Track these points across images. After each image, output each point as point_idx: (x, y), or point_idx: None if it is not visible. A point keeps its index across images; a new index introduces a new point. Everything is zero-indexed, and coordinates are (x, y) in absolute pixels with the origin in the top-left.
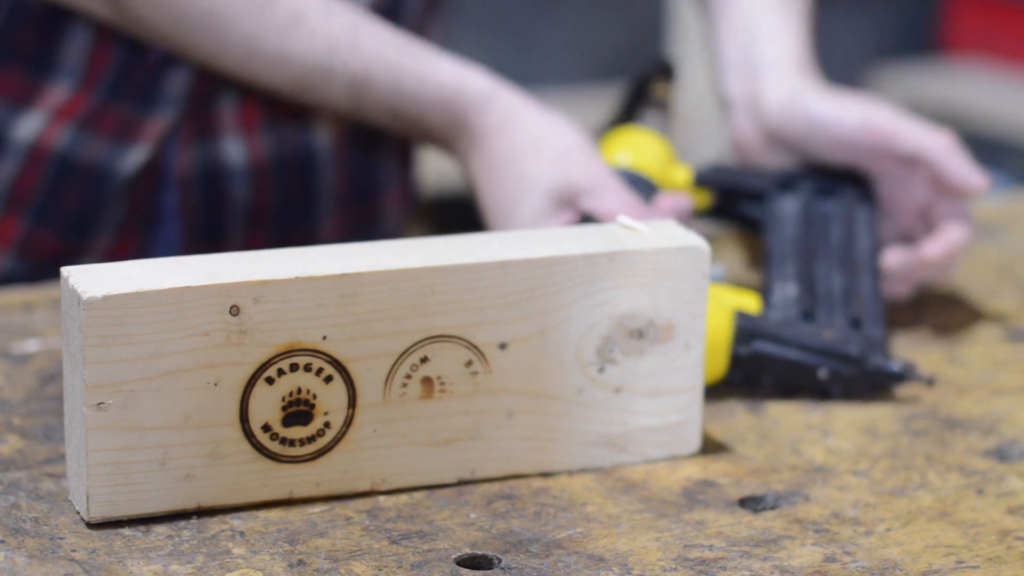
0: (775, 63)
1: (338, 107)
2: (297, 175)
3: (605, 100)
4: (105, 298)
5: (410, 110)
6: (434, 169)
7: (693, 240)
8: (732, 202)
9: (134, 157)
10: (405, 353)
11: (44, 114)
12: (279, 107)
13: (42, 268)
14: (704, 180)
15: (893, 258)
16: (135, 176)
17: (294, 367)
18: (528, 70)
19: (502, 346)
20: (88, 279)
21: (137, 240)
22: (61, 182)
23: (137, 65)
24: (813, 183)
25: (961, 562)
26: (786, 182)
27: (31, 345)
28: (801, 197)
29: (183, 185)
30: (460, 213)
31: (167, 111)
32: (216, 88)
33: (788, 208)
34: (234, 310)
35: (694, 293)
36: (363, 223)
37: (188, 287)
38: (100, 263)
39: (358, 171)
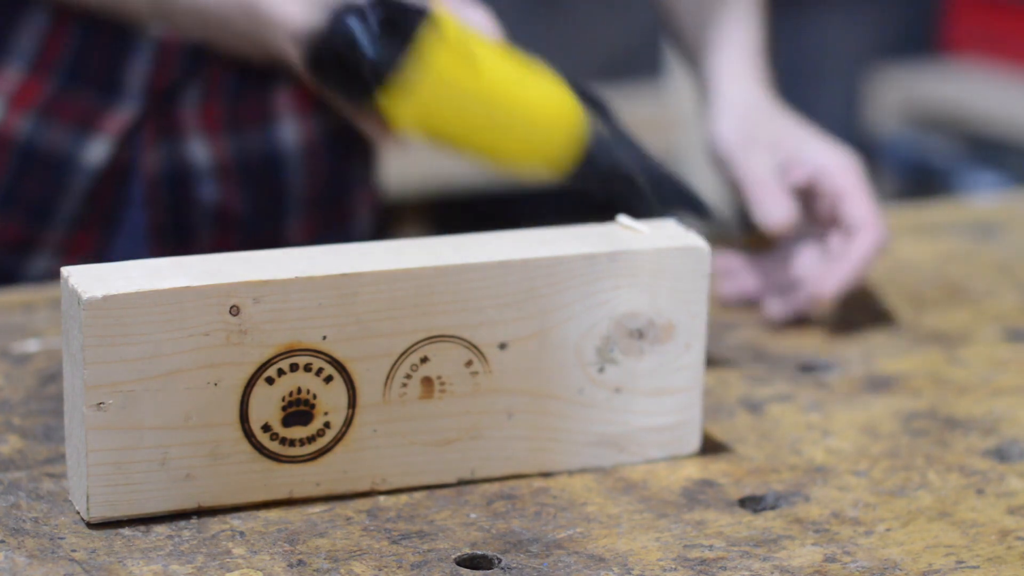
0: (722, 80)
1: (147, 20)
2: (264, 177)
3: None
4: (105, 298)
5: (212, 17)
6: (433, 169)
7: (693, 240)
8: None
9: (97, 150)
10: (405, 353)
11: (1, 100)
12: (241, 107)
13: (3, 257)
14: None
15: (806, 263)
16: (101, 172)
17: (294, 367)
18: None
19: (502, 346)
20: (88, 279)
21: (100, 234)
22: (24, 171)
23: (94, 51)
24: None
25: (961, 562)
26: None
27: (31, 345)
28: None
29: (149, 184)
30: (460, 213)
31: (128, 105)
32: (176, 84)
33: None
34: (234, 310)
35: (694, 293)
36: (333, 225)
37: (188, 287)
38: (95, 264)
39: (326, 173)
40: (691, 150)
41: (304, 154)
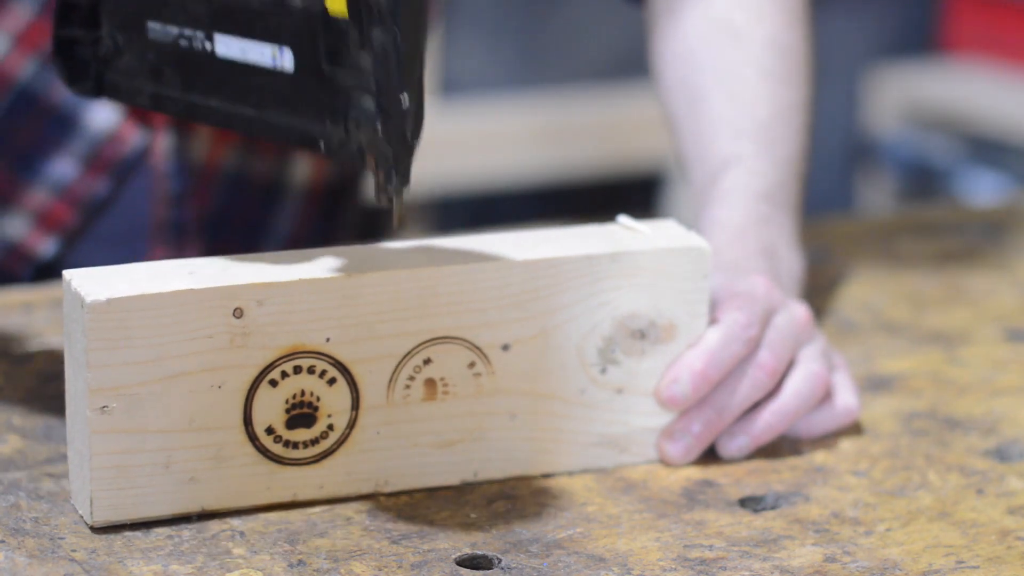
0: (716, 228)
1: None
2: (250, 203)
3: (606, 100)
4: (109, 301)
5: None
6: (433, 169)
7: (694, 240)
8: None
9: (101, 114)
10: (408, 355)
11: (7, 38)
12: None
13: None
14: None
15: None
16: (105, 138)
17: (297, 369)
18: (528, 70)
19: (505, 347)
20: (91, 282)
21: (83, 213)
22: (15, 114)
23: None
24: None
25: (961, 562)
26: None
27: (31, 345)
28: None
29: (157, 175)
30: (460, 213)
31: None
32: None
33: None
34: (237, 312)
35: (695, 293)
36: None
37: (192, 290)
38: (101, 267)
39: (312, 221)
40: None
41: (301, 198)
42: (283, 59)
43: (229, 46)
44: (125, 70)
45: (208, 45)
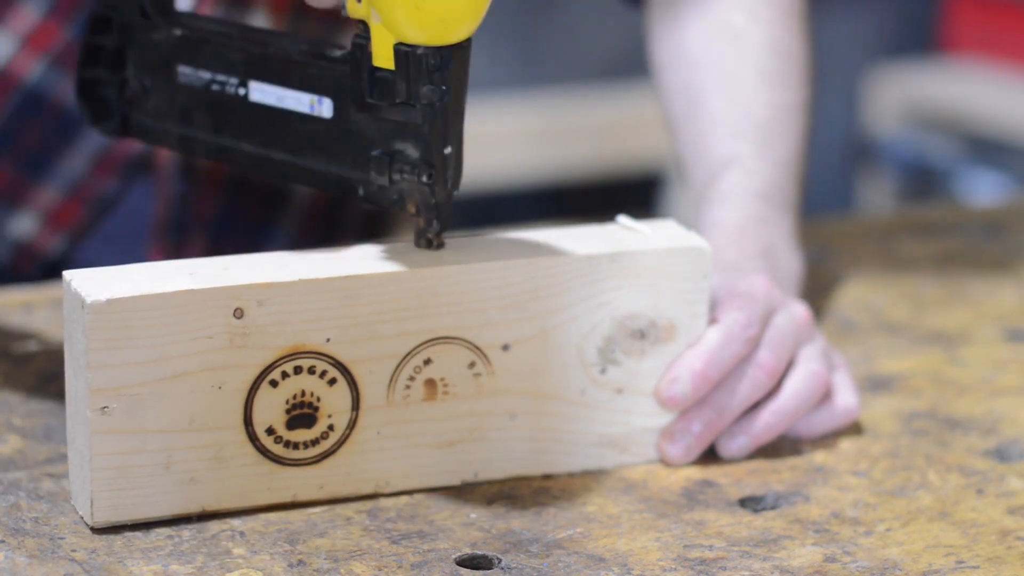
0: (715, 229)
1: None
2: (260, 204)
3: (606, 100)
4: (109, 302)
5: None
6: None
7: (694, 240)
8: None
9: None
10: (408, 355)
11: (15, 39)
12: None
13: None
14: None
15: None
16: (110, 141)
17: (298, 370)
18: (528, 70)
19: (505, 347)
20: (91, 283)
21: (91, 212)
22: (24, 114)
23: None
24: None
25: (961, 562)
26: None
27: (31, 345)
28: None
29: (160, 176)
30: (460, 213)
31: None
32: None
33: None
34: (238, 313)
35: (695, 293)
36: (320, 234)
37: (192, 290)
38: (101, 267)
39: (319, 227)
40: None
41: (305, 203)
42: (321, 107)
43: (264, 93)
44: (152, 112)
45: (242, 91)
